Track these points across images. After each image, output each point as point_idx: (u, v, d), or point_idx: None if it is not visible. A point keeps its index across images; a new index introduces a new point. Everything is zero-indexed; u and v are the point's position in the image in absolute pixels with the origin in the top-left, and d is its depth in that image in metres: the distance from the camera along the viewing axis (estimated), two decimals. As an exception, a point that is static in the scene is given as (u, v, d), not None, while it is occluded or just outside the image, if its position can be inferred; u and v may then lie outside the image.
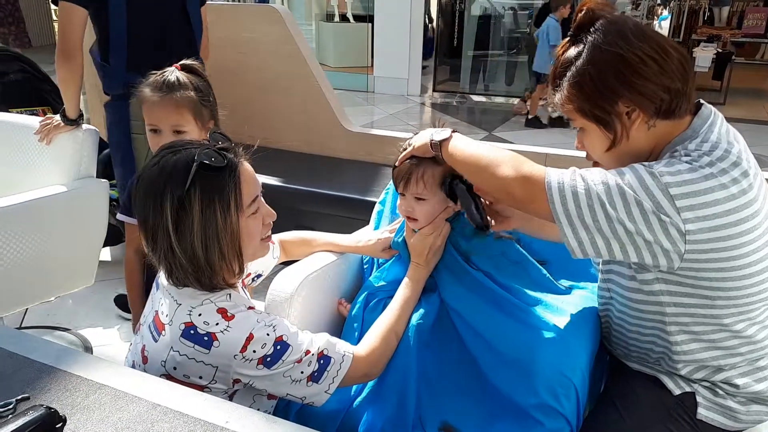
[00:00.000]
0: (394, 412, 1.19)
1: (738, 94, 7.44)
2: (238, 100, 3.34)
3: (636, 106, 1.03)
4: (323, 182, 2.85)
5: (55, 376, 0.91)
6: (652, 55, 1.01)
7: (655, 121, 1.04)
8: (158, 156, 1.02)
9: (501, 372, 1.17)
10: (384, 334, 1.20)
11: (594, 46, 1.03)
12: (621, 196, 0.98)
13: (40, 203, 1.90)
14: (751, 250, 0.99)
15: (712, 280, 1.02)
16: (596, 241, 1.00)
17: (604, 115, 1.05)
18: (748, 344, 1.09)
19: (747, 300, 1.04)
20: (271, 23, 3.20)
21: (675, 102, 1.03)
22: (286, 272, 1.35)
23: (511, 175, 1.06)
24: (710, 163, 0.98)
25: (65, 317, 2.54)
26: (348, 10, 8.55)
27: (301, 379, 1.04)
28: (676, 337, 1.10)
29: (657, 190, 0.97)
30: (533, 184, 1.04)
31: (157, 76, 1.47)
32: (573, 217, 1.00)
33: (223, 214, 0.99)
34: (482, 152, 1.12)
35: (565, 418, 1.11)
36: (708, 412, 1.13)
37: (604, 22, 1.04)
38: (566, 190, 1.01)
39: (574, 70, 1.05)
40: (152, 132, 1.47)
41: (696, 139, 1.03)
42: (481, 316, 1.22)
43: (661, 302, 1.09)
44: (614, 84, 1.02)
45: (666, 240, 0.97)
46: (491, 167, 1.09)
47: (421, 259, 1.30)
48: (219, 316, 1.00)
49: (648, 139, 1.07)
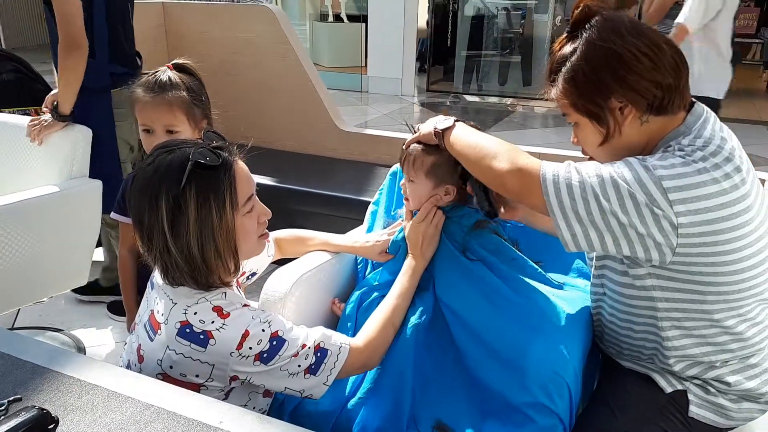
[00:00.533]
0: (390, 412, 1.19)
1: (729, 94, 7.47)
2: (233, 100, 3.33)
3: (628, 101, 1.04)
4: (317, 182, 2.84)
5: (48, 376, 0.91)
6: (645, 52, 1.01)
7: (647, 116, 1.05)
8: (153, 156, 1.02)
9: (494, 370, 1.18)
10: (381, 324, 1.20)
11: (588, 42, 1.05)
12: (615, 188, 0.99)
13: (33, 203, 1.89)
14: (742, 245, 1.00)
15: (703, 275, 1.03)
16: (589, 234, 1.01)
17: (597, 110, 1.06)
18: (738, 341, 1.10)
19: (738, 296, 1.05)
20: (265, 23, 3.19)
21: (667, 98, 1.03)
22: (279, 272, 1.35)
23: (506, 167, 1.07)
24: (703, 158, 0.99)
25: (58, 317, 2.53)
26: (342, 10, 8.54)
27: (298, 372, 1.04)
28: (668, 332, 1.11)
29: (650, 182, 0.97)
30: (528, 176, 1.05)
31: (149, 76, 1.46)
32: (567, 209, 1.01)
33: (218, 212, 0.99)
34: (481, 143, 1.14)
35: (558, 417, 1.11)
36: (700, 409, 1.14)
37: (599, 19, 1.05)
38: (561, 183, 1.02)
39: (569, 65, 1.07)
40: (145, 132, 1.47)
41: (689, 135, 1.04)
42: (476, 313, 1.23)
43: (652, 297, 1.09)
44: (607, 80, 1.03)
45: (658, 233, 0.98)
46: (488, 158, 1.11)
47: (416, 250, 1.30)
48: (214, 315, 1.00)
49: (641, 135, 1.07)
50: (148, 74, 1.48)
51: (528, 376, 1.13)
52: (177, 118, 1.45)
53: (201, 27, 3.39)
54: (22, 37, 10.23)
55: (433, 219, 1.31)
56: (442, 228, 1.33)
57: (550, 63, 1.12)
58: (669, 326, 1.10)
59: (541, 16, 7.48)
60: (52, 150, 2.06)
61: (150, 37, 3.37)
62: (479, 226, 1.32)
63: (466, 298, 1.25)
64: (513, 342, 1.17)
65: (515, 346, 1.17)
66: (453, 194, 1.33)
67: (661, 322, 1.10)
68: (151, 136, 1.46)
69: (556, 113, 6.98)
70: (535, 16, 7.48)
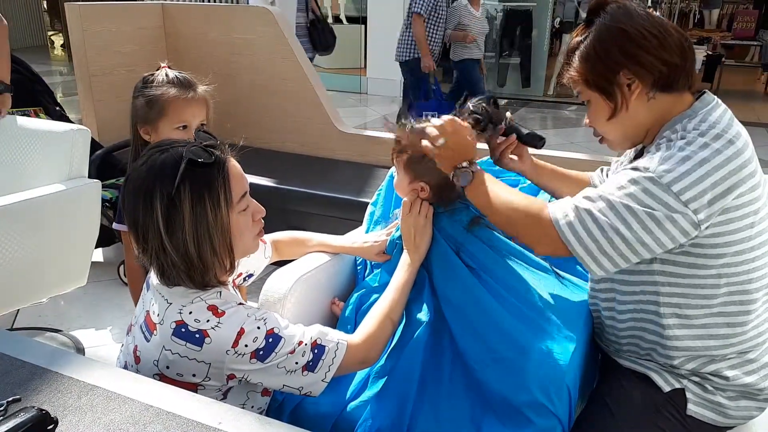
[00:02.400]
0: (393, 413, 1.18)
1: (728, 96, 7.45)
2: (232, 101, 3.34)
3: (635, 76, 1.09)
4: (316, 183, 2.85)
5: (47, 377, 0.91)
6: (653, 31, 1.08)
7: (654, 93, 1.10)
8: (145, 156, 1.02)
9: (493, 369, 1.17)
10: (379, 320, 1.19)
11: (601, 24, 1.12)
12: (631, 213, 1.02)
13: (31, 204, 1.89)
14: (750, 218, 1.05)
15: (708, 257, 1.06)
16: (618, 263, 1.05)
17: (606, 85, 1.12)
18: (738, 334, 1.11)
19: (740, 278, 1.08)
20: (265, 24, 3.20)
21: (673, 76, 1.09)
22: (279, 272, 1.35)
23: (520, 222, 1.13)
24: (704, 143, 1.02)
25: (57, 318, 2.53)
26: (341, 12, 8.54)
27: (296, 369, 1.04)
28: (668, 320, 1.12)
29: (662, 192, 1.01)
30: (543, 227, 1.09)
31: (163, 75, 1.50)
32: (593, 251, 1.05)
33: (213, 209, 0.99)
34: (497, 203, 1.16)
35: (557, 417, 1.11)
36: (697, 407, 1.14)
37: (613, 6, 1.13)
38: (578, 229, 1.05)
39: (583, 47, 1.14)
40: (182, 129, 1.51)
41: (695, 118, 1.08)
42: (474, 312, 1.22)
43: (656, 282, 1.12)
44: (616, 55, 1.10)
45: (681, 236, 1.02)
46: (503, 216, 1.16)
47: (410, 244, 1.31)
48: (209, 313, 1.00)
49: (648, 112, 1.12)
50: (152, 74, 1.50)
51: (528, 376, 1.13)
52: (206, 112, 1.54)
53: (200, 28, 3.39)
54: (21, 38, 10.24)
55: (420, 210, 1.32)
56: (436, 225, 1.33)
57: (569, 47, 1.19)
58: (670, 313, 1.12)
59: (540, 17, 7.49)
60: (50, 151, 2.06)
61: (149, 38, 3.38)
62: (474, 223, 1.32)
63: (465, 298, 1.25)
64: (512, 341, 1.17)
65: (515, 346, 1.17)
66: (427, 192, 1.33)
67: (662, 308, 1.13)
68: (187, 131, 1.51)
69: (555, 115, 7.00)
70: (534, 18, 7.48)
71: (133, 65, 3.24)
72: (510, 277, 1.27)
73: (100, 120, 3.16)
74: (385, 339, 1.20)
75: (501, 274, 1.27)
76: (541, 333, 1.18)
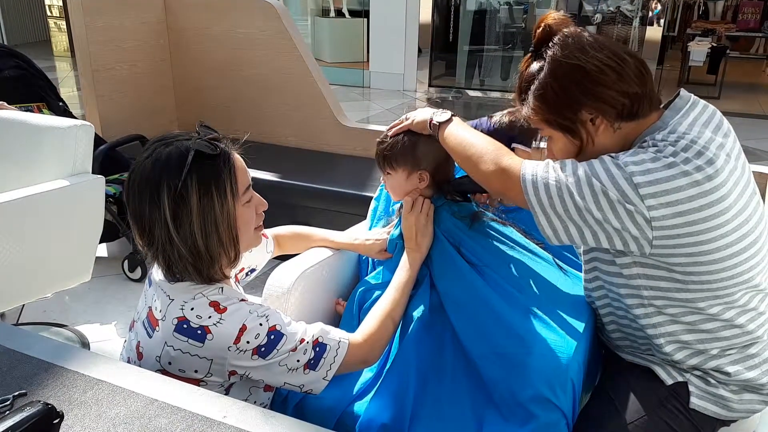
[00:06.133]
0: (394, 409, 1.19)
1: (733, 88, 7.46)
2: (234, 96, 3.34)
3: (598, 112, 1.08)
4: (319, 178, 2.84)
5: (53, 372, 0.92)
6: (609, 64, 1.06)
7: (619, 124, 1.09)
8: (150, 150, 1.02)
9: (496, 364, 1.17)
10: (380, 319, 1.20)
11: (554, 59, 1.09)
12: (589, 186, 1.03)
13: (35, 199, 1.89)
14: (719, 235, 1.02)
15: (683, 264, 1.05)
16: (569, 228, 1.06)
17: (569, 124, 1.10)
18: (730, 328, 1.10)
19: (720, 285, 1.06)
20: (267, 19, 3.19)
21: (636, 105, 1.08)
22: (283, 267, 1.35)
23: (490, 168, 1.14)
24: (674, 153, 1.01)
25: (62, 313, 2.54)
26: (343, 5, 8.51)
27: (297, 367, 1.04)
28: (654, 318, 1.13)
29: (622, 179, 1.01)
30: (510, 176, 1.11)
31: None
32: (546, 207, 1.06)
33: (220, 201, 1.00)
34: (471, 142, 1.19)
35: (561, 411, 1.11)
36: (700, 401, 1.14)
37: (561, 36, 1.10)
38: (539, 183, 1.07)
39: (537, 83, 1.11)
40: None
41: (664, 130, 1.07)
42: (476, 308, 1.23)
43: (638, 285, 1.12)
44: (575, 94, 1.07)
45: (633, 227, 1.01)
46: (474, 158, 1.17)
47: (411, 243, 1.31)
48: (211, 309, 1.01)
49: (615, 140, 1.11)
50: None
51: (531, 370, 1.13)
52: None
53: (202, 23, 3.39)
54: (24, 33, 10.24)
55: (421, 208, 1.32)
56: (437, 222, 1.33)
57: (519, 82, 1.16)
58: (654, 312, 1.12)
59: (543, 10, 7.45)
60: (54, 146, 2.06)
61: (151, 32, 3.37)
62: (476, 218, 1.32)
63: (467, 293, 1.25)
64: (516, 335, 1.17)
65: (518, 340, 1.17)
66: (427, 180, 1.33)
67: (647, 308, 1.13)
68: None
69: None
70: (538, 11, 7.45)
71: (135, 60, 3.24)
72: (512, 271, 1.27)
73: (103, 115, 3.16)
74: (386, 338, 1.20)
75: (503, 269, 1.27)
76: (544, 327, 1.18)
